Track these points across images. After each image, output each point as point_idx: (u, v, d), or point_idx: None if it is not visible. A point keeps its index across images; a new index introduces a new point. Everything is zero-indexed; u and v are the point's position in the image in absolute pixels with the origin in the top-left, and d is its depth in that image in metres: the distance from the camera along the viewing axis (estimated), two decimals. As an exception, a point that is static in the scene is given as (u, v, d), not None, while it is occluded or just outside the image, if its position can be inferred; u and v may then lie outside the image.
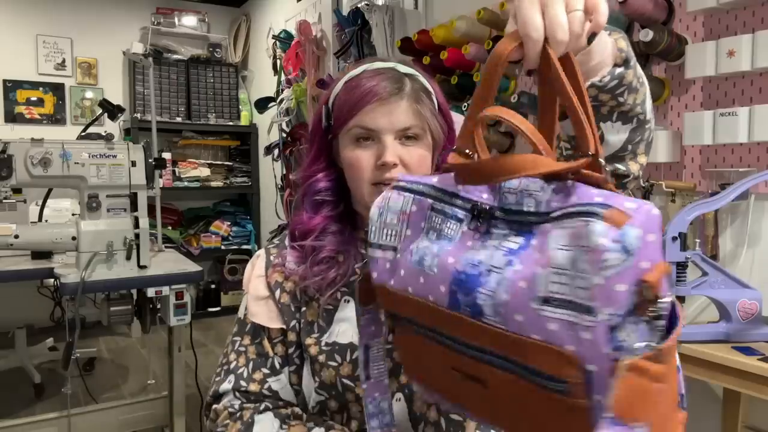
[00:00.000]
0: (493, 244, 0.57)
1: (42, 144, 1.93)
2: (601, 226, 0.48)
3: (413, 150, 0.82)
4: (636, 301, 0.48)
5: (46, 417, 2.27)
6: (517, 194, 0.57)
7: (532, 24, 0.54)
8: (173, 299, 2.08)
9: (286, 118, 3.82)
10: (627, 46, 0.65)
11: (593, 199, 0.51)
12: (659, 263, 0.49)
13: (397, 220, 0.65)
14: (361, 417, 0.80)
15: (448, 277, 0.58)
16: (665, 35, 1.63)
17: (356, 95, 0.81)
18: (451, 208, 0.62)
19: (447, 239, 0.61)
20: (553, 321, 0.50)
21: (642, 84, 0.68)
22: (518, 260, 0.54)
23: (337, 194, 0.88)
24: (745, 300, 1.31)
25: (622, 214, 0.48)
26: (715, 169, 1.63)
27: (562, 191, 0.54)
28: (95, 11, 4.46)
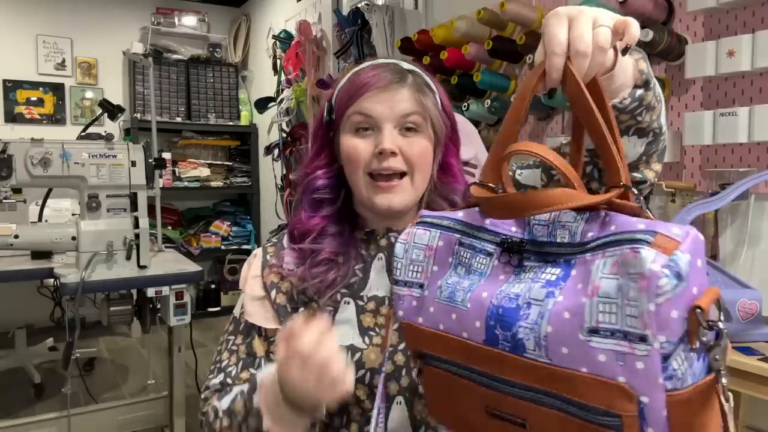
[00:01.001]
0: (528, 277, 0.56)
1: (42, 144, 1.93)
2: (651, 252, 0.47)
3: (414, 141, 0.80)
4: (687, 327, 0.47)
5: (46, 417, 2.28)
6: (548, 226, 0.57)
7: (556, 38, 0.55)
8: (173, 299, 2.08)
9: (286, 118, 3.82)
10: (647, 68, 0.65)
11: (636, 226, 0.50)
12: (709, 288, 0.49)
13: (423, 256, 0.64)
14: (361, 420, 0.79)
15: (483, 313, 0.56)
16: (665, 35, 1.63)
17: (356, 84, 0.80)
18: (479, 242, 0.61)
19: (478, 274, 0.60)
20: (603, 352, 0.48)
21: (659, 101, 0.68)
22: (559, 291, 0.52)
23: (336, 192, 0.86)
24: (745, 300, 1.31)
25: (670, 240, 0.48)
26: (715, 169, 1.63)
27: (597, 221, 0.54)
28: (95, 11, 4.46)
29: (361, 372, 0.78)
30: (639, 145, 0.69)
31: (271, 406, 0.70)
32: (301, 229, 0.85)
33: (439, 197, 0.86)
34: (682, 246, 0.48)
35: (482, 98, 2.29)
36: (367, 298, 0.82)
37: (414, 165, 0.80)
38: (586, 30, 0.54)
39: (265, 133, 4.09)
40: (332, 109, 0.84)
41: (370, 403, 0.77)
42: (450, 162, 0.87)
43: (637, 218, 0.52)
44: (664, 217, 1.74)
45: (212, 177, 4.61)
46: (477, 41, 2.25)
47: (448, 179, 0.87)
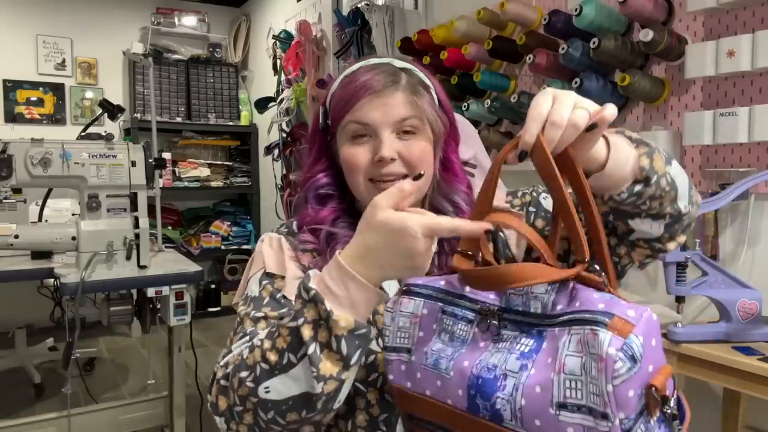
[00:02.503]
0: (505, 346, 0.60)
1: (42, 144, 1.93)
2: (608, 335, 0.52)
3: (413, 144, 0.79)
4: (645, 402, 0.52)
5: (46, 417, 2.27)
6: (522, 296, 0.62)
7: (536, 109, 0.60)
8: (173, 299, 2.08)
9: (286, 118, 3.82)
10: (649, 164, 0.67)
11: (597, 305, 0.55)
12: (663, 366, 0.54)
13: (409, 323, 0.68)
14: (367, 427, 0.76)
15: (465, 381, 0.60)
16: (665, 35, 1.63)
17: (350, 90, 0.79)
18: (460, 309, 0.66)
19: (460, 341, 0.64)
20: (571, 425, 0.53)
21: (671, 189, 0.70)
22: (531, 364, 0.57)
23: (341, 189, 0.85)
24: (745, 300, 1.31)
25: (625, 323, 0.53)
26: (715, 169, 1.63)
27: (565, 294, 0.58)
28: (95, 11, 4.46)
29: (374, 375, 0.76)
30: (657, 227, 0.72)
31: (332, 284, 0.62)
32: (311, 221, 0.84)
33: (441, 197, 0.86)
34: (636, 329, 0.52)
35: (482, 98, 2.29)
36: None
37: (415, 167, 0.79)
38: (565, 106, 0.59)
39: (265, 133, 4.09)
40: (327, 114, 0.83)
41: (379, 410, 0.76)
42: (451, 158, 0.87)
43: (599, 295, 0.56)
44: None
45: (212, 177, 4.61)
46: (477, 41, 2.25)
47: (450, 177, 0.87)
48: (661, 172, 0.68)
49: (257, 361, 0.64)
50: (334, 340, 0.60)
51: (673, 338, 1.33)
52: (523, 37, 1.98)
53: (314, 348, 0.61)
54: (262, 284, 0.81)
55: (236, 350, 0.72)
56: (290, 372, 0.62)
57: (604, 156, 0.65)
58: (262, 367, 0.63)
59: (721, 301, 1.32)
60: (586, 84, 1.77)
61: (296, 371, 0.62)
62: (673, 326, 1.35)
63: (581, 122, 0.59)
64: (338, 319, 0.60)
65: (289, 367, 0.62)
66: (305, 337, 0.61)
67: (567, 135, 0.59)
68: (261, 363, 0.64)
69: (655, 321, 0.54)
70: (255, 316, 0.77)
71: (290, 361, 0.62)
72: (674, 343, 1.33)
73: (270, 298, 0.79)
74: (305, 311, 0.62)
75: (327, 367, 0.61)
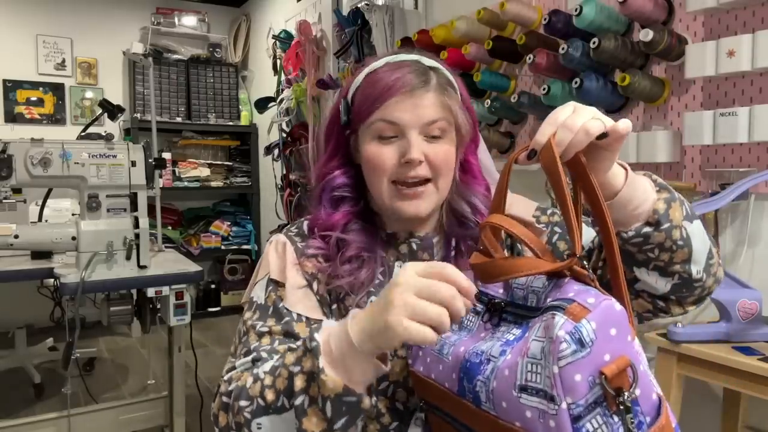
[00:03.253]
0: (497, 335, 0.63)
1: (42, 144, 1.93)
2: (562, 318, 0.53)
3: (439, 147, 0.78)
4: (602, 393, 0.51)
5: (46, 417, 2.27)
6: (524, 290, 0.64)
7: (554, 115, 0.61)
8: (173, 299, 2.08)
9: (286, 118, 3.82)
10: (665, 210, 0.66)
11: (567, 294, 0.56)
12: (620, 356, 0.52)
13: None
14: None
15: (458, 365, 0.63)
16: (665, 35, 1.63)
17: (379, 88, 0.77)
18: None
19: (467, 330, 0.67)
20: (529, 408, 0.54)
21: (684, 246, 0.68)
22: (510, 350, 0.58)
23: (357, 191, 0.84)
24: (745, 300, 1.31)
25: (582, 308, 0.53)
26: (715, 169, 1.63)
27: (557, 288, 0.60)
28: (95, 11, 4.46)
29: (384, 384, 0.75)
30: (663, 284, 0.70)
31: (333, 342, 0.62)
32: (322, 225, 0.83)
33: (460, 198, 0.85)
34: (590, 314, 0.52)
35: (482, 98, 2.29)
36: None
37: (439, 171, 0.79)
38: (581, 115, 0.60)
39: (265, 133, 4.09)
40: (349, 108, 0.81)
41: (390, 418, 0.75)
42: (470, 160, 0.87)
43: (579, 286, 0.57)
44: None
45: (212, 177, 4.61)
46: (477, 41, 2.25)
47: (468, 179, 0.87)
48: (675, 222, 0.67)
49: (256, 395, 0.65)
50: (320, 399, 0.60)
51: (673, 338, 1.33)
52: (523, 37, 1.98)
53: (302, 400, 0.62)
54: (267, 291, 0.80)
55: (240, 367, 0.73)
56: (283, 415, 0.63)
57: (619, 184, 0.65)
58: (258, 403, 0.65)
59: (721, 301, 1.32)
60: (586, 84, 1.77)
61: (288, 416, 0.63)
62: (673, 326, 1.35)
63: (593, 130, 0.59)
64: (326, 380, 0.60)
65: (282, 410, 0.63)
66: (296, 387, 0.62)
67: (577, 139, 0.59)
68: (258, 398, 0.65)
69: (618, 311, 0.53)
70: (260, 331, 0.77)
71: (284, 404, 0.63)
72: (674, 343, 1.33)
73: (273, 309, 0.78)
74: (303, 360, 0.63)
75: (311, 423, 0.61)
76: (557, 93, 1.89)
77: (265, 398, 0.64)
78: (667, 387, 1.37)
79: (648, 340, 1.39)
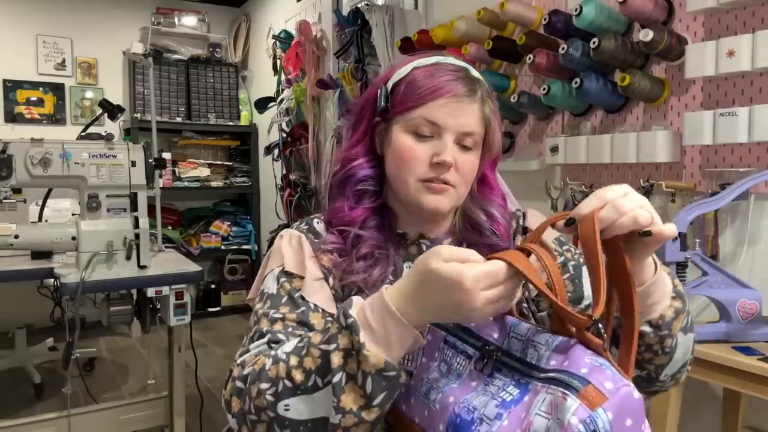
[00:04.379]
0: (491, 390, 0.59)
1: (42, 144, 1.93)
2: (576, 403, 0.49)
3: (467, 157, 0.80)
4: None
5: (46, 417, 2.27)
6: (523, 342, 0.60)
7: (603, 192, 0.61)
8: (173, 299, 2.08)
9: (286, 118, 3.82)
10: (671, 319, 0.68)
11: (580, 369, 0.52)
12: None
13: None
14: None
15: (446, 418, 0.59)
16: (665, 35, 1.63)
17: (428, 86, 0.78)
18: (462, 343, 0.65)
19: (455, 375, 0.63)
20: None
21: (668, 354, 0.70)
22: (507, 414, 0.55)
23: (380, 184, 0.84)
24: (745, 300, 1.31)
25: (598, 394, 0.49)
26: (715, 169, 1.63)
27: (562, 350, 0.55)
28: (95, 11, 4.46)
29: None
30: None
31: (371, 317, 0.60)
32: (342, 219, 0.83)
33: (476, 207, 0.86)
34: (607, 403, 0.48)
35: (482, 98, 2.29)
36: None
37: (463, 179, 0.80)
38: (632, 200, 0.60)
39: (265, 133, 4.09)
40: (388, 97, 0.81)
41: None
42: (487, 174, 0.88)
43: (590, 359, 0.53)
44: (664, 217, 1.74)
45: (212, 177, 4.61)
46: (477, 41, 2.25)
47: (485, 190, 0.88)
48: (673, 332, 0.68)
49: (281, 376, 0.63)
50: (360, 375, 0.59)
51: (673, 338, 1.33)
52: (523, 37, 1.98)
53: (340, 377, 0.60)
54: (280, 282, 0.79)
55: (254, 350, 0.71)
56: (314, 395, 0.61)
57: (648, 277, 0.66)
58: (285, 384, 0.62)
59: (721, 301, 1.32)
60: (586, 84, 1.77)
61: (320, 395, 0.61)
62: (673, 326, 1.35)
63: (641, 219, 0.59)
64: (368, 355, 0.58)
65: (314, 390, 0.61)
66: (334, 364, 0.60)
67: (622, 222, 0.59)
68: (285, 379, 0.63)
69: (636, 400, 0.49)
70: (273, 317, 0.75)
71: (316, 383, 0.61)
72: (674, 343, 1.33)
73: (288, 298, 0.77)
74: (339, 337, 0.60)
75: (349, 400, 0.59)
76: (557, 93, 1.89)
77: (293, 379, 0.62)
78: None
79: (648, 340, 1.39)
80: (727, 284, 1.32)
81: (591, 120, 2.00)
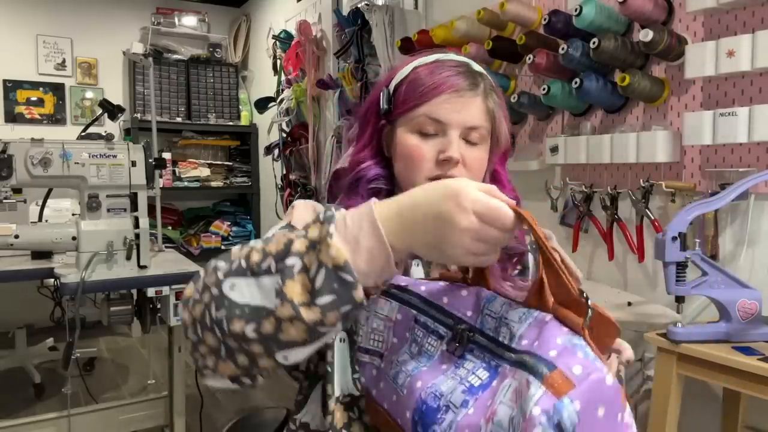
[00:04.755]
0: (460, 373, 0.55)
1: (42, 144, 1.93)
2: (540, 391, 0.44)
3: (474, 152, 0.79)
4: None
5: (46, 417, 2.27)
6: (496, 319, 0.55)
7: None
8: (173, 299, 2.08)
9: (286, 118, 3.82)
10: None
11: (548, 352, 0.47)
12: None
13: (383, 327, 0.64)
14: None
15: (412, 404, 0.56)
16: (665, 35, 1.63)
17: (429, 83, 0.77)
18: (433, 322, 0.60)
19: (426, 356, 0.59)
20: None
21: None
22: (473, 402, 0.51)
23: (391, 184, 0.84)
24: (745, 300, 1.31)
25: (565, 380, 0.44)
26: (715, 169, 1.63)
27: (536, 329, 0.50)
28: (95, 11, 4.46)
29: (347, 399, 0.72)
30: None
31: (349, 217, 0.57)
32: None
33: None
34: (574, 390, 0.43)
35: (482, 98, 2.29)
36: None
37: (471, 175, 0.79)
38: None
39: (265, 133, 4.09)
40: (391, 98, 0.81)
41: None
42: (498, 170, 0.87)
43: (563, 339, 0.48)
44: (664, 217, 1.75)
45: (212, 177, 4.61)
46: (477, 41, 2.25)
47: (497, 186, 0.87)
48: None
49: (240, 256, 0.58)
50: (315, 266, 0.54)
51: (673, 338, 1.33)
52: (523, 37, 1.98)
53: (294, 262, 0.55)
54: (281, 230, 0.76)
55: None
56: (262, 278, 0.56)
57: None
58: (239, 263, 0.58)
59: (721, 301, 1.32)
60: (586, 84, 1.77)
61: (268, 280, 0.55)
62: (673, 326, 1.35)
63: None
64: (330, 246, 0.53)
65: (265, 273, 0.56)
66: (293, 249, 0.55)
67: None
68: (242, 258, 0.58)
69: (609, 387, 0.44)
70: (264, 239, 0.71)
71: (269, 267, 0.56)
72: (674, 343, 1.33)
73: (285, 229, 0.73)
74: (310, 228, 0.56)
75: (294, 289, 0.54)
76: (557, 93, 1.89)
77: (249, 258, 0.57)
78: (667, 387, 1.37)
79: (648, 340, 1.39)
80: (727, 284, 1.32)
81: (591, 120, 2.00)
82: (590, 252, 2.02)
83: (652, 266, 1.80)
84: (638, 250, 1.78)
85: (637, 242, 1.78)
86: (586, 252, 2.02)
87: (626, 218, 1.84)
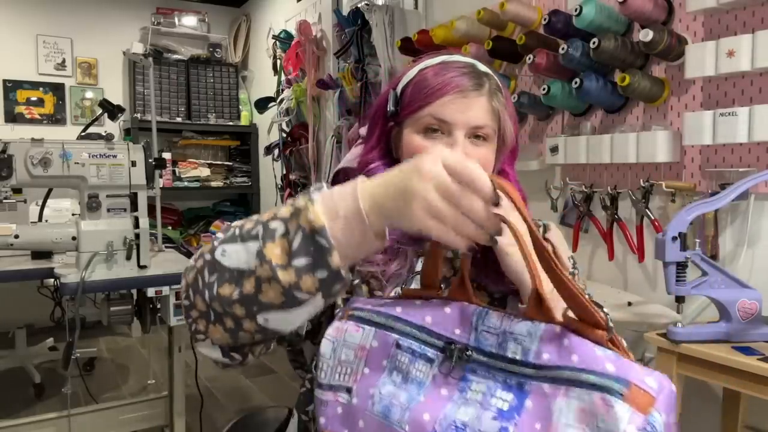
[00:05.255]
0: (475, 397, 0.49)
1: (42, 144, 1.93)
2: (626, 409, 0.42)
3: (481, 151, 0.79)
4: None
5: (46, 417, 2.27)
6: (498, 335, 0.51)
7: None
8: (173, 299, 2.08)
9: (286, 118, 3.82)
10: None
11: (604, 366, 0.45)
12: None
13: (354, 356, 0.57)
14: None
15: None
16: (665, 35, 1.63)
17: (434, 84, 0.78)
18: (419, 345, 0.55)
19: (416, 383, 0.53)
20: None
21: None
22: (513, 427, 0.46)
23: None
24: (744, 300, 1.31)
25: (645, 394, 0.43)
26: (715, 169, 1.63)
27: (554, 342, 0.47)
28: (95, 11, 4.46)
29: None
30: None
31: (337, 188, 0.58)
32: None
33: None
34: (657, 403, 0.43)
35: (482, 98, 2.29)
36: None
37: None
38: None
39: (265, 133, 4.09)
40: (398, 100, 0.82)
41: None
42: (506, 170, 0.88)
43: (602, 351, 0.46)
44: (664, 217, 1.75)
45: (212, 177, 4.61)
46: (477, 41, 2.25)
47: None
48: None
49: (237, 225, 0.62)
50: (293, 229, 0.56)
51: (673, 338, 1.33)
52: (523, 37, 1.98)
53: (277, 225, 0.57)
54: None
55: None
56: (248, 243, 0.58)
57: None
58: (233, 231, 0.61)
59: (721, 301, 1.32)
60: (585, 84, 1.77)
61: (252, 244, 0.57)
62: (673, 326, 1.35)
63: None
64: (309, 210, 0.56)
65: (252, 239, 0.58)
66: (279, 214, 0.58)
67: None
68: (237, 227, 0.61)
69: (674, 393, 0.46)
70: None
71: (257, 232, 0.58)
72: (674, 343, 1.33)
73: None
74: (301, 197, 0.59)
75: (273, 251, 0.56)
76: (557, 93, 1.89)
77: (243, 227, 0.60)
78: (667, 387, 1.37)
79: (648, 340, 1.39)
80: (727, 284, 1.32)
81: (591, 120, 2.00)
82: (590, 252, 2.02)
83: (652, 266, 1.80)
84: (638, 250, 1.78)
85: (637, 242, 1.78)
86: (586, 252, 2.03)
87: (626, 218, 1.85)
